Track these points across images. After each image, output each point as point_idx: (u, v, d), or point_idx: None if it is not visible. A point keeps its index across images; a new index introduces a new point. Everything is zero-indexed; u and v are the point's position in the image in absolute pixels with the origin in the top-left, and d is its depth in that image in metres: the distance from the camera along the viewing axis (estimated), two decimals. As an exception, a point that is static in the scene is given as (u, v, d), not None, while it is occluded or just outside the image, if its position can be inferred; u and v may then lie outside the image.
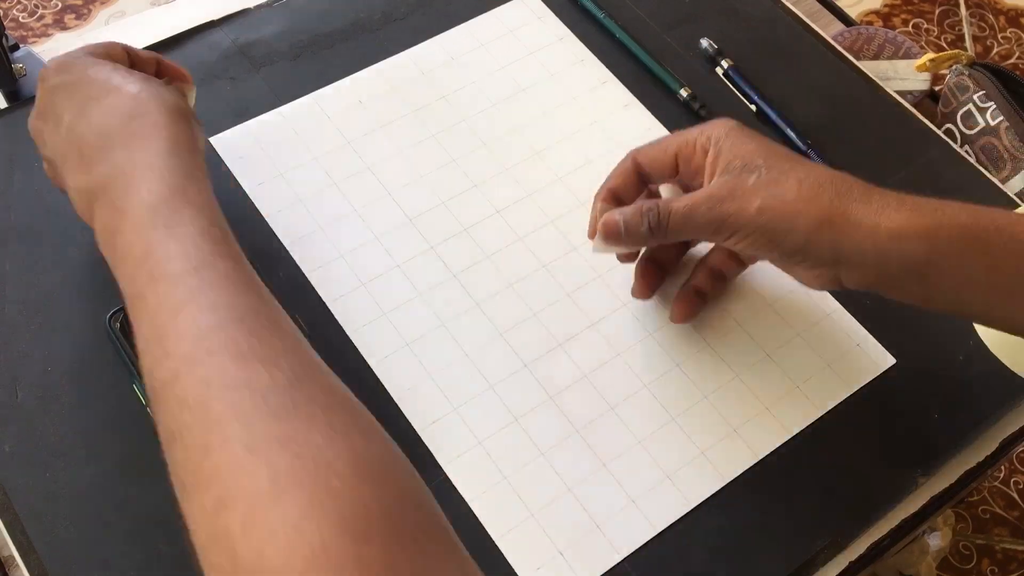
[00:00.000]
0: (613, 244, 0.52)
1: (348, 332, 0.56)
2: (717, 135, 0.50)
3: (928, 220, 0.46)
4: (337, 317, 0.56)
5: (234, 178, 0.61)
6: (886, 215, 0.46)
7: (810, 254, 0.47)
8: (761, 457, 0.54)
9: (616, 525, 0.51)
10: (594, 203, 0.54)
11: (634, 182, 0.54)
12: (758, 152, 0.49)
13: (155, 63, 0.54)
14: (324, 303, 0.57)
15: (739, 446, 0.54)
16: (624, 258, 0.58)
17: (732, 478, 0.53)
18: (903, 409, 0.56)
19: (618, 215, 0.51)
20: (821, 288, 0.50)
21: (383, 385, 0.54)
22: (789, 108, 0.68)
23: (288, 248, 0.59)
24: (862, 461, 0.54)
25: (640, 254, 0.57)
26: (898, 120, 0.69)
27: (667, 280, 0.59)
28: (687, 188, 0.53)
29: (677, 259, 0.59)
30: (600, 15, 0.71)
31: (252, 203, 0.60)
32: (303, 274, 0.58)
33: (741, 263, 0.57)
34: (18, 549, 0.48)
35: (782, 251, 0.48)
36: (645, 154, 0.54)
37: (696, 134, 0.51)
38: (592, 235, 0.54)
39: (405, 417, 0.53)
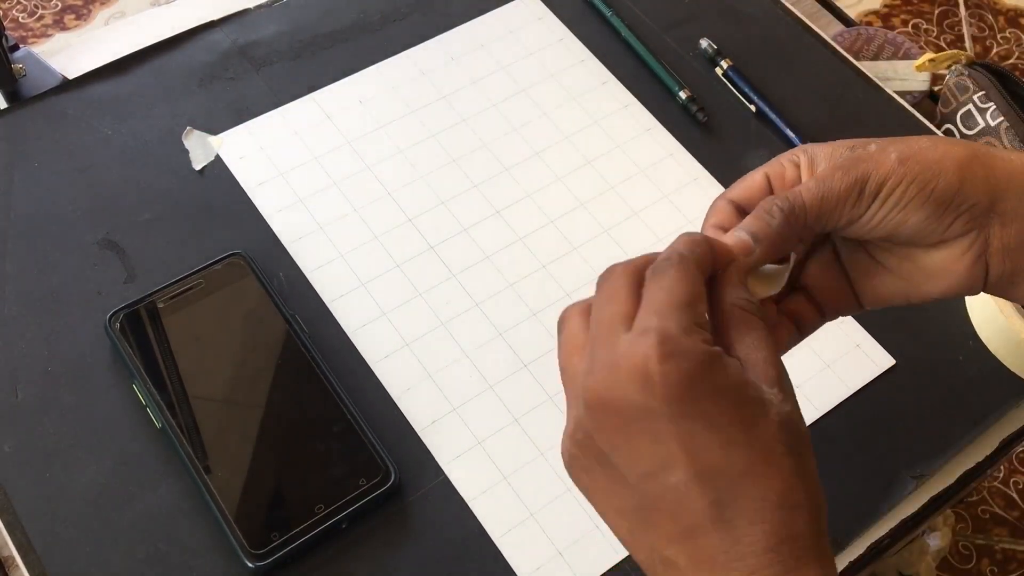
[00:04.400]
0: (757, 272, 0.44)
1: (348, 332, 0.56)
2: (802, 147, 0.45)
3: None
4: (337, 317, 0.56)
5: (234, 178, 0.61)
6: None
7: (967, 197, 0.43)
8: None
9: (616, 525, 0.51)
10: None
11: (735, 221, 0.45)
12: (855, 140, 0.45)
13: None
14: (324, 303, 0.57)
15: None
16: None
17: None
18: (903, 410, 0.56)
19: (736, 231, 0.43)
20: (962, 286, 0.44)
21: (382, 385, 0.54)
22: (788, 109, 0.68)
23: (288, 248, 0.59)
24: (861, 461, 0.54)
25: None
26: (898, 120, 0.69)
27: None
28: None
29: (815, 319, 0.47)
30: (608, 13, 0.71)
31: (252, 203, 0.60)
32: (303, 274, 0.58)
33: (820, 314, 0.46)
34: (18, 549, 0.48)
35: (937, 200, 0.43)
36: (733, 192, 0.46)
37: (778, 157, 0.46)
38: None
39: (404, 417, 0.53)
